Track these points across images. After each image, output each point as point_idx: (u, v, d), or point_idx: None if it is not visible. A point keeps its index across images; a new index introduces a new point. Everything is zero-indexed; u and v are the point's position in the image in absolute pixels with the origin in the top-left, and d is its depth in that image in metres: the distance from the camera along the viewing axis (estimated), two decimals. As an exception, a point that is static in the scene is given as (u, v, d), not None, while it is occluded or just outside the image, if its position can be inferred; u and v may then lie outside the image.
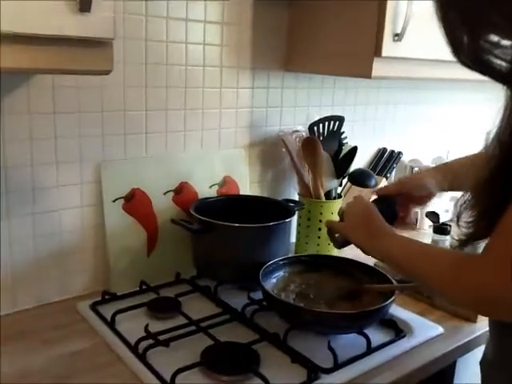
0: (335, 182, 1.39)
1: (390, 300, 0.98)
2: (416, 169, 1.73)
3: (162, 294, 1.13)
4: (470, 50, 0.63)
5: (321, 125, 1.36)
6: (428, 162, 1.78)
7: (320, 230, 1.39)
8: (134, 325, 1.00)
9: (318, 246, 1.41)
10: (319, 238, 1.40)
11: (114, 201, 1.14)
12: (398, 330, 1.03)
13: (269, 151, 1.41)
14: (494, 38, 0.61)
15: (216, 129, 1.29)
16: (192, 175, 1.25)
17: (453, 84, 1.81)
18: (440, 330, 1.07)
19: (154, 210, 1.20)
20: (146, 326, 0.96)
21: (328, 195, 1.39)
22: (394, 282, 1.06)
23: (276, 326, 1.00)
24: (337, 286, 1.09)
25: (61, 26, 0.68)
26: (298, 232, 1.43)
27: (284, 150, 1.40)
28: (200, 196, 1.26)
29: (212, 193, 1.29)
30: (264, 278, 1.07)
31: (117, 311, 1.02)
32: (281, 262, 1.14)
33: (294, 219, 1.41)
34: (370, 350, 0.96)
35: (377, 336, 1.01)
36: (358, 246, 0.95)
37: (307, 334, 0.99)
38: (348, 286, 1.09)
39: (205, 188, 1.28)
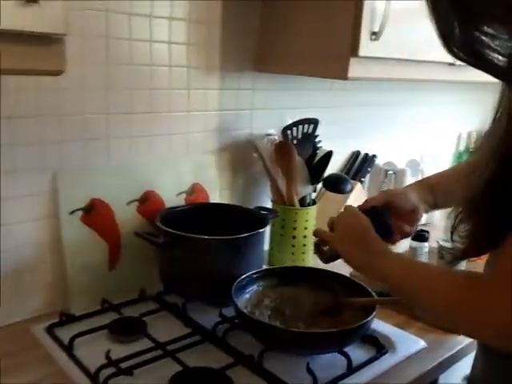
0: (309, 188, 1.33)
1: (372, 316, 0.92)
2: (390, 172, 1.69)
3: (125, 313, 1.04)
4: (463, 42, 0.58)
5: (294, 128, 1.29)
6: (402, 164, 1.74)
7: (294, 238, 1.33)
8: (94, 350, 0.91)
9: (293, 254, 1.34)
10: (293, 246, 1.33)
11: (71, 213, 1.04)
12: (380, 346, 0.97)
13: (240, 156, 1.34)
14: (491, 29, 0.56)
15: (184, 133, 1.21)
16: (158, 183, 1.17)
17: (429, 85, 1.77)
18: (422, 343, 1.02)
19: (116, 222, 1.11)
20: (108, 352, 0.87)
21: (302, 202, 1.33)
22: (373, 294, 1.00)
23: (250, 346, 0.92)
24: (314, 301, 1.03)
25: (4, 19, 0.59)
26: (272, 241, 1.37)
27: (256, 154, 1.33)
28: (167, 205, 1.18)
29: (180, 201, 1.21)
30: (237, 294, 1.00)
31: (75, 335, 0.93)
32: (254, 276, 1.07)
33: (268, 228, 1.34)
34: (351, 369, 0.90)
35: (357, 353, 0.95)
36: (350, 264, 0.86)
37: (284, 355, 0.92)
38: (326, 300, 1.03)
39: (172, 196, 1.19)
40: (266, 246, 1.39)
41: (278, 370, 0.88)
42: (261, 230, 1.05)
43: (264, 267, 1.17)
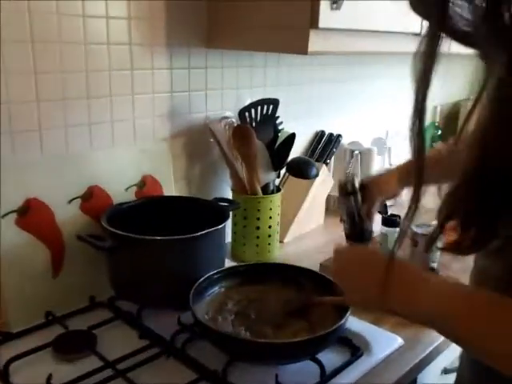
0: (273, 175, 1.23)
1: (345, 317, 0.83)
2: (356, 152, 1.60)
3: (73, 325, 0.92)
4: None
5: (253, 110, 1.18)
6: (368, 143, 1.65)
7: (258, 228, 1.23)
8: (35, 374, 0.79)
9: (257, 247, 1.25)
10: (258, 238, 1.24)
11: (3, 216, 0.91)
12: (354, 348, 0.89)
13: (195, 142, 1.22)
14: None
15: (129, 119, 1.08)
16: (103, 177, 1.04)
17: (394, 58, 1.69)
18: (399, 341, 0.94)
19: (56, 224, 0.98)
20: (49, 376, 0.76)
21: (265, 189, 1.23)
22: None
23: (214, 357, 0.83)
24: (282, 301, 0.94)
25: None
26: (234, 233, 1.26)
27: (212, 140, 1.21)
28: (115, 201, 1.06)
29: (130, 196, 1.08)
30: (196, 298, 0.90)
31: (12, 358, 0.81)
32: (215, 277, 0.97)
33: (229, 221, 1.24)
34: (325, 377, 0.81)
35: (330, 358, 0.86)
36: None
37: (251, 366, 0.83)
38: (295, 299, 0.94)
39: (120, 191, 1.07)
40: (229, 239, 1.29)
41: (245, 383, 0.79)
42: (219, 227, 0.95)
43: (227, 265, 1.07)
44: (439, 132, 2.05)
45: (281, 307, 0.92)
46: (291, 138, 1.19)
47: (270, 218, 1.23)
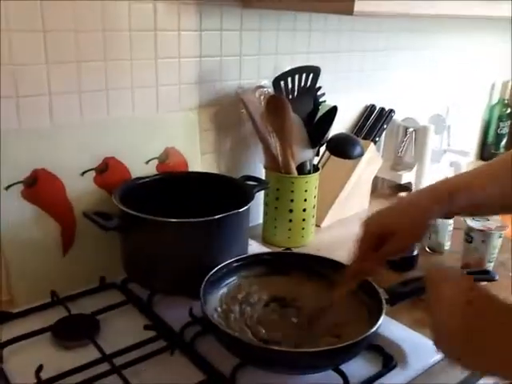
0: (310, 152, 1.10)
1: (378, 324, 0.71)
2: (410, 129, 1.44)
3: (78, 308, 0.85)
4: None
5: (289, 79, 1.05)
6: (425, 120, 1.48)
7: (291, 211, 1.11)
8: (28, 361, 0.72)
9: (290, 231, 1.13)
10: (291, 221, 1.12)
11: (7, 188, 0.84)
12: (386, 358, 0.77)
13: (225, 114, 1.11)
14: None
15: (152, 86, 0.98)
16: (120, 148, 0.95)
17: (457, 23, 1.50)
18: (442, 351, 0.82)
19: (68, 197, 0.91)
20: (39, 367, 0.69)
21: (301, 168, 1.11)
22: (382, 296, 0.79)
23: (225, 356, 0.73)
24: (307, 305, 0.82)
25: None
26: (266, 214, 1.16)
27: (244, 111, 1.10)
28: (133, 175, 0.97)
29: (150, 170, 1.00)
30: (210, 289, 0.80)
31: (7, 341, 0.75)
32: (234, 265, 0.86)
33: (260, 203, 1.13)
34: (349, 390, 0.70)
35: (356, 368, 0.74)
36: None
37: (263, 371, 0.73)
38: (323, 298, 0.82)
39: (139, 164, 0.98)
40: (260, 220, 1.19)
41: (256, 391, 0.70)
42: (240, 210, 0.84)
43: (257, 247, 0.97)
44: (508, 110, 1.84)
45: (305, 310, 0.81)
46: (333, 111, 1.05)
47: (305, 200, 1.11)
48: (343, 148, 1.10)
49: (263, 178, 1.13)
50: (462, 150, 1.55)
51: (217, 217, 0.81)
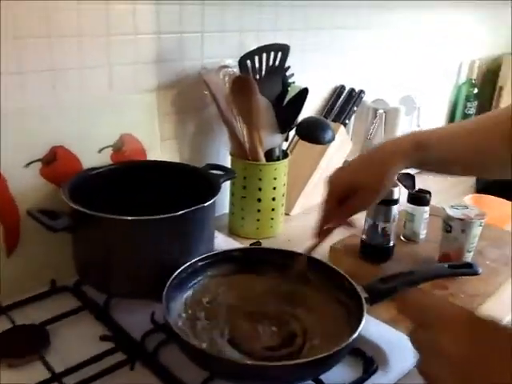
0: (279, 138, 1.03)
1: (359, 327, 0.65)
2: (381, 111, 1.38)
3: (25, 317, 0.76)
4: None
5: (256, 57, 0.97)
6: (395, 102, 1.43)
7: (260, 201, 1.04)
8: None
9: (258, 221, 1.06)
10: (259, 211, 1.05)
11: None
12: (367, 361, 0.72)
13: (187, 96, 1.02)
14: None
15: (103, 66, 0.88)
16: (70, 136, 0.85)
17: (425, 1, 1.44)
18: (424, 350, 0.77)
19: (10, 193, 0.80)
20: (-23, 393, 0.60)
21: (269, 155, 1.03)
22: (361, 294, 0.73)
23: (192, 368, 0.66)
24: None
25: None
26: (232, 204, 1.08)
27: (208, 93, 1.01)
28: (85, 165, 0.87)
29: (103, 160, 0.90)
30: (173, 294, 0.72)
31: None
32: (200, 264, 0.79)
33: (226, 192, 1.06)
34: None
35: (336, 375, 0.68)
36: None
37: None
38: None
39: (91, 153, 0.88)
40: (226, 210, 1.11)
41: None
42: (205, 204, 0.76)
43: (222, 240, 0.90)
44: (476, 90, 1.81)
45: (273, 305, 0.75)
46: (303, 93, 0.98)
47: (274, 188, 1.04)
48: (314, 133, 1.03)
49: (228, 165, 1.05)
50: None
51: (180, 213, 0.73)
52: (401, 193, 0.93)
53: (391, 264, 0.94)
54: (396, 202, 0.91)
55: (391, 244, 0.94)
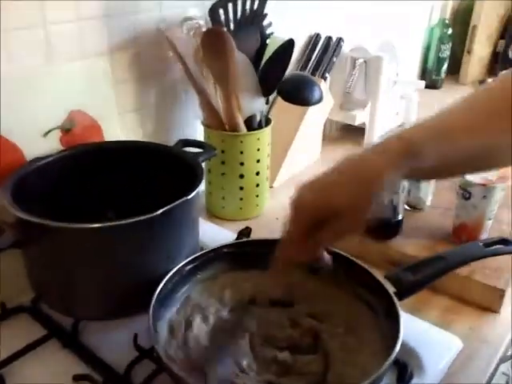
0: (260, 102, 0.87)
1: (400, 339, 0.53)
2: (360, 60, 1.24)
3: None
4: None
5: (230, 4, 0.79)
6: (374, 49, 1.28)
7: (242, 177, 0.89)
8: None
9: (241, 200, 0.92)
10: (242, 189, 0.91)
11: None
12: (400, 368, 0.60)
13: (146, 58, 0.84)
14: None
15: (36, 25, 0.69)
16: (3, 121, 0.67)
17: None
18: (457, 343, 0.66)
19: None
20: None
21: (250, 123, 0.88)
22: (374, 275, 0.61)
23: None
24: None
25: None
26: (209, 183, 0.93)
27: (171, 53, 0.83)
28: (29, 156, 0.69)
29: (51, 145, 0.72)
30: (161, 311, 0.58)
31: None
32: (187, 268, 0.64)
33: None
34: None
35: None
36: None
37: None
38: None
39: (35, 139, 0.70)
40: (201, 188, 0.95)
41: None
42: (190, 197, 0.60)
43: (201, 224, 0.74)
44: (450, 31, 1.69)
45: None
46: (288, 46, 0.81)
47: (258, 161, 0.89)
48: (300, 93, 0.88)
49: (201, 138, 0.90)
50: (413, 81, 1.39)
51: (159, 212, 0.57)
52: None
53: (400, 240, 0.83)
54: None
55: (400, 217, 0.82)
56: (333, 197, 0.49)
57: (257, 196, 0.93)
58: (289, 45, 0.81)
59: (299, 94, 0.87)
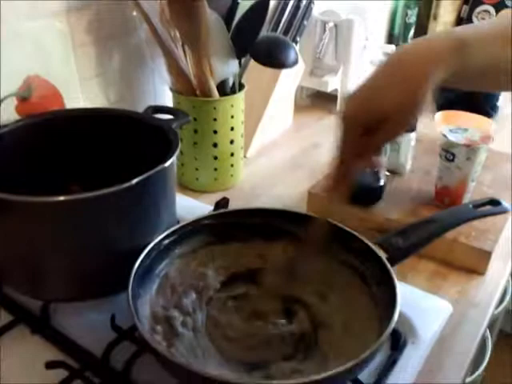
0: (234, 64, 0.82)
1: (397, 309, 0.51)
2: (330, 24, 1.20)
3: None
4: None
5: (199, -42, 0.73)
6: (345, 13, 1.24)
7: (216, 146, 0.85)
8: None
9: (216, 171, 0.87)
10: (216, 158, 0.86)
11: None
12: (395, 336, 0.58)
13: (108, 18, 0.77)
14: None
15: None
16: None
17: None
18: (447, 307, 0.65)
19: None
20: None
21: (222, 88, 0.83)
22: (365, 240, 0.59)
23: None
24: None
25: None
26: (181, 152, 0.87)
27: (136, 13, 0.77)
28: (-20, 125, 0.63)
29: (7, 116, 0.65)
30: (140, 288, 0.54)
31: None
32: (166, 242, 0.60)
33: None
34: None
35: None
36: None
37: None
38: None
39: (-13, 108, 0.64)
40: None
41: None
42: (166, 165, 0.56)
43: (186, 211, 0.70)
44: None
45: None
46: (261, 4, 0.76)
47: (232, 129, 0.85)
48: (275, 54, 0.83)
49: (170, 105, 0.84)
50: (383, 46, 1.35)
51: (133, 182, 0.52)
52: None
53: (383, 205, 0.80)
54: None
55: (382, 183, 0.80)
56: (381, 99, 0.49)
57: (232, 166, 0.88)
58: (262, 4, 0.75)
59: (274, 56, 0.82)
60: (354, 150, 0.52)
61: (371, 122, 0.49)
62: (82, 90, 0.75)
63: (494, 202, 0.64)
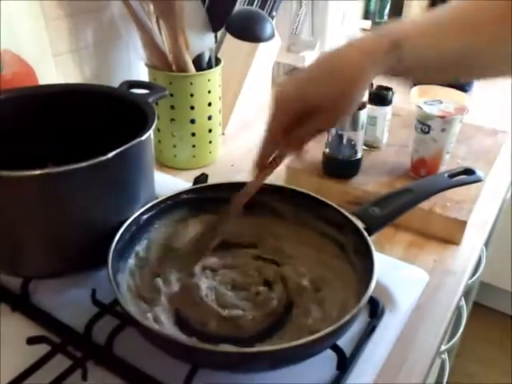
0: (210, 38, 0.81)
1: (374, 276, 0.52)
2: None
3: None
4: None
5: None
6: (320, -13, 1.24)
7: (194, 122, 0.84)
8: None
9: (194, 148, 0.87)
10: (194, 135, 0.85)
11: None
12: (373, 305, 0.59)
13: (80, -9, 0.75)
14: None
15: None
16: None
17: None
18: (424, 276, 0.66)
19: None
20: None
21: (198, 62, 0.82)
22: (342, 211, 0.60)
23: (162, 358, 0.49)
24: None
25: None
26: (158, 130, 0.87)
27: (108, -15, 0.75)
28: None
29: (-23, 91, 0.64)
30: (119, 262, 0.54)
31: None
32: (145, 216, 0.59)
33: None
34: (345, 365, 0.52)
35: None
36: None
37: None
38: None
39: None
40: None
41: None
42: (143, 137, 0.55)
43: (165, 187, 0.69)
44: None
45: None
46: (237, -24, 0.76)
47: (210, 104, 0.84)
48: (251, 28, 0.82)
49: (147, 80, 0.83)
50: (359, 21, 1.35)
51: (110, 155, 0.51)
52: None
53: (360, 178, 0.81)
54: (364, 105, 0.76)
55: (359, 156, 0.80)
56: (315, 88, 0.50)
57: (210, 142, 0.88)
58: (238, -26, 0.75)
59: (249, 30, 0.82)
60: (280, 135, 0.52)
61: (303, 110, 0.50)
62: (55, 66, 0.73)
63: (469, 172, 0.65)
